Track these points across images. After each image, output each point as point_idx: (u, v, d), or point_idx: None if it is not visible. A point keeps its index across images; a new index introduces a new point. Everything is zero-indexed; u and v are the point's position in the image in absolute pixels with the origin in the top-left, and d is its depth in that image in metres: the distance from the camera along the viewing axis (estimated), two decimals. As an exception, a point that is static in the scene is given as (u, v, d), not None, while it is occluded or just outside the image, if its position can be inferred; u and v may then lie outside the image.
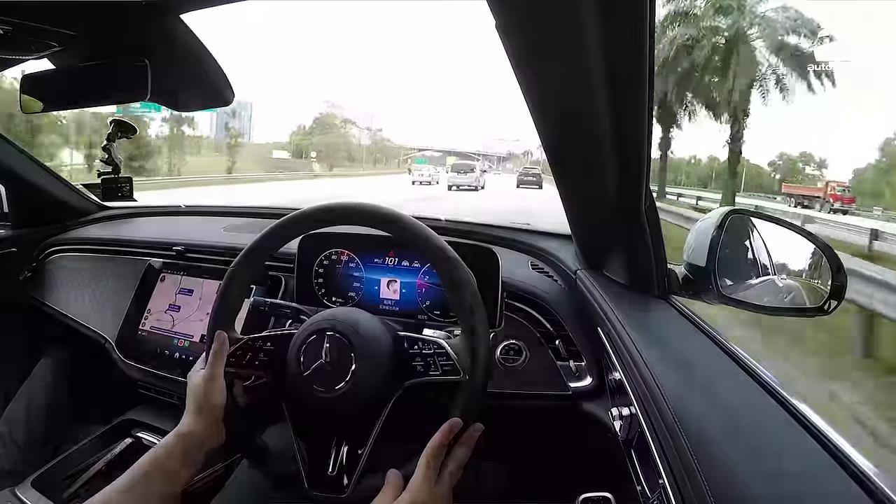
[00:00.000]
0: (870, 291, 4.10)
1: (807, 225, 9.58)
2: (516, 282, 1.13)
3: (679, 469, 0.60)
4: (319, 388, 0.75)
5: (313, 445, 0.79)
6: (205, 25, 0.97)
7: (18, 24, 0.92)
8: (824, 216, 16.29)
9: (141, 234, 1.67)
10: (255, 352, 0.83)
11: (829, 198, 23.65)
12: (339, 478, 0.76)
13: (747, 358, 0.74)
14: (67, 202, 1.83)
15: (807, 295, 0.86)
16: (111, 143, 1.63)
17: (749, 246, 0.93)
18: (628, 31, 0.56)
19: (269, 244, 0.87)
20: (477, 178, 25.48)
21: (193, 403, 0.79)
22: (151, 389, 1.35)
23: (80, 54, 1.08)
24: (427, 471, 0.69)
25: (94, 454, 1.29)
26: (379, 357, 0.77)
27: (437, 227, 0.93)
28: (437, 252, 0.79)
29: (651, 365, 0.75)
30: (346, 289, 1.08)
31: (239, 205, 2.07)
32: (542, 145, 0.76)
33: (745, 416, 0.63)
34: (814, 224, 12.45)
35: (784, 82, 20.40)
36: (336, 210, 0.84)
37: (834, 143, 63.88)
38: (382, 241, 1.05)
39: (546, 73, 0.61)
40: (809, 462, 0.54)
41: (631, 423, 0.80)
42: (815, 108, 47.94)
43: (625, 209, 0.88)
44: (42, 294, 1.63)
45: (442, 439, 0.70)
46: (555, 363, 1.05)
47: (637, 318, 0.90)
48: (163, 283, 1.42)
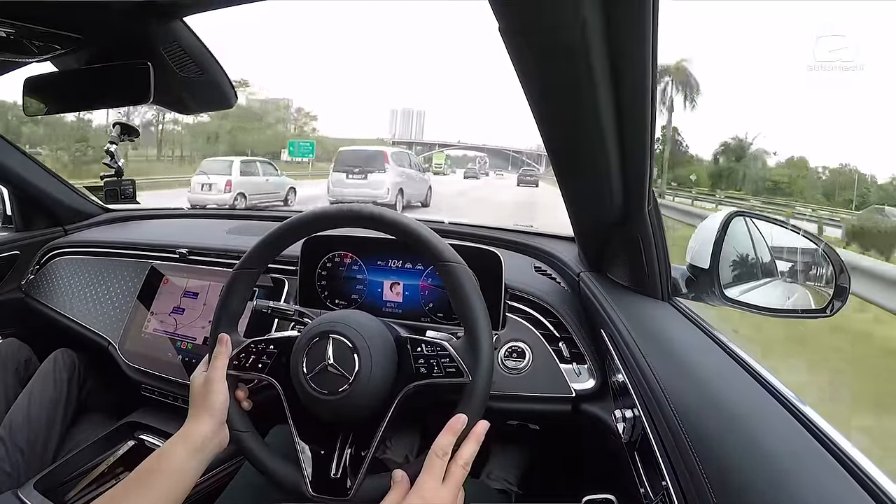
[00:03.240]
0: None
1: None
2: (519, 284, 1.13)
3: (682, 471, 0.60)
4: (323, 391, 0.75)
5: (317, 448, 0.79)
6: (223, 25, 0.97)
7: (21, 27, 0.93)
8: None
9: (144, 236, 1.67)
10: (258, 355, 0.83)
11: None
12: (343, 480, 0.76)
13: (750, 360, 0.74)
14: (70, 205, 1.84)
15: (810, 296, 0.86)
16: (114, 145, 1.64)
17: (752, 247, 0.93)
18: (632, 33, 0.56)
19: (273, 247, 0.87)
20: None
21: (197, 405, 0.79)
22: (155, 392, 1.35)
23: (83, 57, 1.09)
24: (434, 469, 0.68)
25: (97, 456, 1.28)
26: (382, 359, 0.77)
27: (440, 230, 0.93)
28: (439, 254, 0.79)
29: (654, 367, 0.75)
30: (349, 291, 1.08)
31: (242, 208, 2.07)
32: (545, 147, 0.76)
33: (749, 418, 0.63)
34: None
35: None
36: (339, 213, 0.84)
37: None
38: (385, 244, 1.06)
39: (549, 76, 0.61)
40: (812, 465, 0.54)
41: (634, 425, 0.80)
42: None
43: (628, 211, 0.88)
44: (45, 297, 1.63)
45: (448, 437, 0.70)
46: (558, 365, 1.05)
47: (640, 320, 0.90)
48: (166, 286, 1.42)
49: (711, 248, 0.87)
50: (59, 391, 1.34)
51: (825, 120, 69.47)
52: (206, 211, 2.05)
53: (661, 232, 0.90)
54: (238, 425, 0.81)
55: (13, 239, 1.75)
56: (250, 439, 0.82)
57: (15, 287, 1.72)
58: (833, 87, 62.42)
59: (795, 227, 0.89)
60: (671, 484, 0.62)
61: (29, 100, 1.16)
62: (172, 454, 0.75)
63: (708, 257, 0.87)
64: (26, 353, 1.47)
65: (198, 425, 0.77)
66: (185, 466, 0.75)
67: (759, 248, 0.92)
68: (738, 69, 78.79)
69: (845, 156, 41.68)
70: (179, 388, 1.28)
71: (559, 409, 1.05)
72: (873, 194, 33.97)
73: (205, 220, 1.97)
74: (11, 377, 1.39)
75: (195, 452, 0.76)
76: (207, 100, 1.23)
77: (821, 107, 71.86)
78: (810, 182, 39.23)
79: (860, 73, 25.04)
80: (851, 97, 64.46)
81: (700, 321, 0.89)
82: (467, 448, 0.71)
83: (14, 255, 1.73)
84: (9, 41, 0.96)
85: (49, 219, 1.82)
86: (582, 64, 0.58)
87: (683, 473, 0.60)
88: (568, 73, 0.60)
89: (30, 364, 1.45)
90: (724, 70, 78.19)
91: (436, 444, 0.70)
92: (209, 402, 0.78)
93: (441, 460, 0.69)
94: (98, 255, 1.61)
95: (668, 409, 0.67)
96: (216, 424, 0.78)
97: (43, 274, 1.69)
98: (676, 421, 0.64)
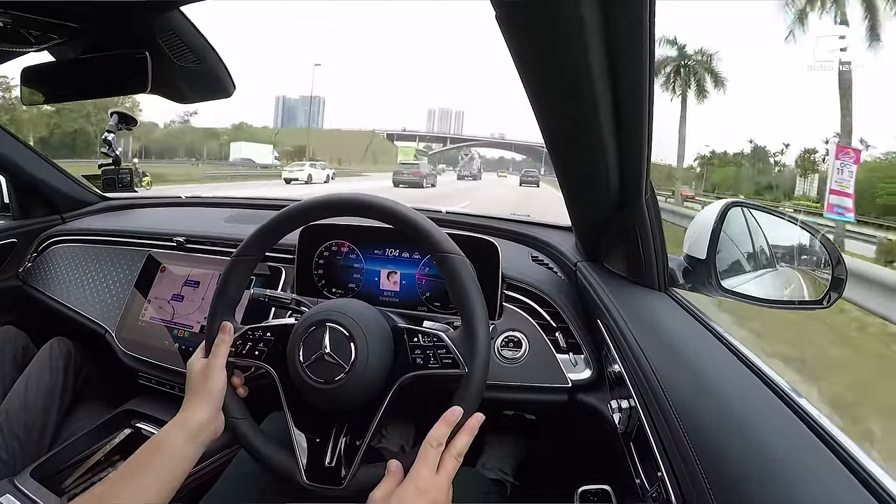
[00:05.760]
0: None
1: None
2: (516, 274, 1.13)
3: (678, 461, 0.60)
4: (319, 380, 0.75)
5: (312, 436, 0.80)
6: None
7: (18, 17, 0.92)
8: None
9: (141, 224, 1.67)
10: (254, 342, 0.83)
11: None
12: (338, 469, 0.76)
13: (746, 350, 0.74)
14: (68, 193, 1.84)
15: (806, 287, 0.86)
16: (112, 133, 1.64)
17: (749, 238, 0.93)
18: (629, 21, 0.56)
19: (270, 235, 0.87)
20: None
21: (194, 392, 0.79)
22: (151, 380, 1.35)
23: (80, 47, 1.08)
24: (428, 459, 0.69)
25: (93, 444, 1.28)
26: (379, 349, 0.77)
27: (438, 219, 0.93)
28: (437, 244, 0.79)
29: (650, 358, 0.75)
30: (347, 280, 1.08)
31: (239, 196, 2.07)
32: (543, 137, 0.76)
33: (744, 408, 0.63)
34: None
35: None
36: (337, 202, 0.84)
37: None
38: (383, 233, 1.05)
39: (546, 65, 0.61)
40: (807, 456, 0.54)
41: (630, 415, 0.80)
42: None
43: (625, 201, 0.88)
44: (42, 285, 1.63)
45: (442, 428, 0.70)
46: (554, 355, 1.05)
47: (637, 311, 0.90)
48: (163, 274, 1.42)
49: (709, 238, 0.87)
50: (56, 379, 1.34)
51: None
52: (204, 199, 2.04)
53: (659, 222, 0.90)
54: (234, 412, 0.81)
55: (10, 227, 1.74)
56: (246, 426, 0.82)
57: (12, 275, 1.72)
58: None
59: (793, 217, 0.89)
60: (667, 474, 0.62)
61: (26, 89, 1.16)
62: (169, 440, 0.75)
63: (705, 247, 0.87)
64: (23, 341, 1.47)
65: (194, 412, 0.77)
66: (181, 453, 0.75)
67: (757, 238, 0.92)
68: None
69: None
70: (176, 375, 1.29)
71: (555, 399, 1.05)
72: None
73: (202, 208, 1.97)
74: (8, 365, 1.39)
75: (191, 438, 0.76)
76: (205, 89, 1.22)
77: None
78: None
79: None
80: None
81: (697, 312, 0.89)
82: (461, 439, 0.71)
83: (11, 242, 1.72)
84: (6, 30, 0.95)
85: (47, 207, 1.82)
86: (581, 58, 0.57)
87: (679, 464, 0.60)
88: (566, 67, 0.60)
89: (27, 352, 1.45)
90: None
91: (430, 435, 0.70)
92: (207, 389, 0.78)
93: (435, 450, 0.69)
94: (95, 244, 1.61)
95: (663, 400, 0.67)
96: (213, 411, 0.78)
97: (40, 262, 1.68)
98: (672, 411, 0.65)
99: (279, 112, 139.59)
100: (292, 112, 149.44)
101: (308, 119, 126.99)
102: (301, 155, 50.00)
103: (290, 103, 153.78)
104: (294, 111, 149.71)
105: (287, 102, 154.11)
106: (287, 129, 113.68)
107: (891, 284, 5.69)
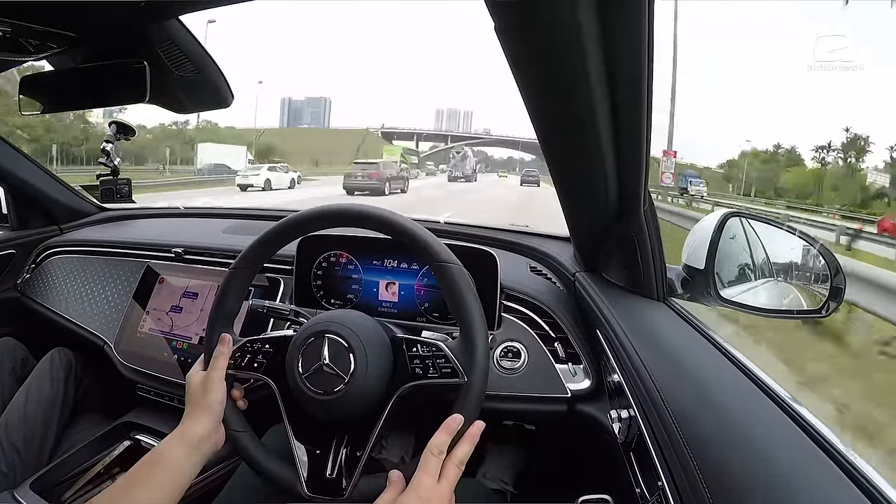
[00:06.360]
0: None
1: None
2: (515, 284, 1.13)
3: (678, 471, 0.60)
4: (318, 391, 0.75)
5: (312, 448, 0.79)
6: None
7: (17, 26, 0.93)
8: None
9: (139, 235, 1.67)
10: (253, 354, 0.83)
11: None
12: (339, 480, 0.76)
13: (747, 361, 0.74)
14: (66, 204, 1.83)
15: (805, 297, 0.86)
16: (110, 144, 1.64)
17: (748, 248, 0.93)
18: (628, 32, 0.56)
19: (269, 246, 0.87)
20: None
21: (194, 404, 0.79)
22: (150, 391, 1.35)
23: (79, 56, 1.09)
24: (429, 467, 0.68)
25: (92, 456, 1.28)
26: (378, 359, 0.77)
27: (436, 230, 0.93)
28: (435, 254, 0.79)
29: (650, 367, 0.75)
30: (345, 291, 1.08)
31: (238, 207, 2.07)
32: (541, 147, 0.76)
33: (744, 418, 0.63)
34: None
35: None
36: (335, 212, 0.84)
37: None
38: (381, 244, 1.05)
39: (544, 75, 0.61)
40: (812, 469, 0.54)
41: (630, 425, 0.80)
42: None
43: (624, 211, 0.88)
44: (40, 296, 1.62)
45: (443, 436, 0.70)
46: (553, 365, 1.05)
47: (636, 321, 0.90)
48: (161, 285, 1.42)
49: (707, 248, 0.87)
50: (56, 390, 1.34)
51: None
52: (202, 210, 2.04)
53: (657, 232, 0.90)
54: (234, 425, 0.81)
55: (9, 238, 1.74)
56: (246, 439, 0.82)
57: (11, 286, 1.71)
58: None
59: (791, 227, 0.89)
60: (667, 484, 0.62)
61: (24, 98, 1.16)
62: (169, 453, 0.75)
63: (703, 257, 0.87)
64: (22, 353, 1.47)
65: (194, 424, 0.77)
66: (182, 465, 0.75)
67: (755, 248, 0.92)
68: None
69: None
70: (175, 387, 1.28)
71: (555, 409, 1.05)
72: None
73: (201, 219, 1.96)
74: (8, 376, 1.39)
75: (192, 451, 0.76)
76: (203, 99, 1.23)
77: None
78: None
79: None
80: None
81: (696, 322, 0.89)
82: (462, 448, 0.71)
83: (10, 254, 1.72)
84: (4, 39, 0.96)
85: (45, 218, 1.81)
86: (578, 67, 0.58)
87: (679, 473, 0.60)
88: (564, 75, 0.60)
89: (26, 363, 1.44)
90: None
91: (431, 443, 0.70)
92: (207, 401, 0.78)
93: (436, 458, 0.69)
94: (94, 255, 1.61)
95: (663, 410, 0.67)
96: (213, 424, 0.78)
97: (39, 273, 1.68)
98: (672, 421, 0.65)
99: (285, 113, 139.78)
100: (298, 113, 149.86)
101: (309, 119, 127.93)
102: (274, 155, 48.18)
103: (296, 105, 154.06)
104: (300, 112, 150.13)
105: (293, 104, 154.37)
106: (292, 129, 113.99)
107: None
